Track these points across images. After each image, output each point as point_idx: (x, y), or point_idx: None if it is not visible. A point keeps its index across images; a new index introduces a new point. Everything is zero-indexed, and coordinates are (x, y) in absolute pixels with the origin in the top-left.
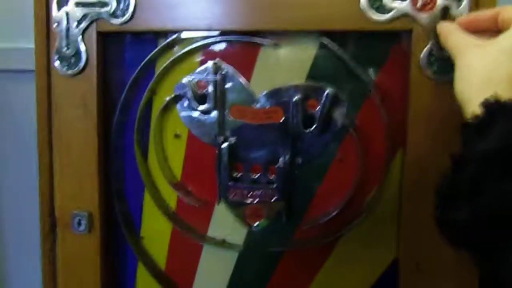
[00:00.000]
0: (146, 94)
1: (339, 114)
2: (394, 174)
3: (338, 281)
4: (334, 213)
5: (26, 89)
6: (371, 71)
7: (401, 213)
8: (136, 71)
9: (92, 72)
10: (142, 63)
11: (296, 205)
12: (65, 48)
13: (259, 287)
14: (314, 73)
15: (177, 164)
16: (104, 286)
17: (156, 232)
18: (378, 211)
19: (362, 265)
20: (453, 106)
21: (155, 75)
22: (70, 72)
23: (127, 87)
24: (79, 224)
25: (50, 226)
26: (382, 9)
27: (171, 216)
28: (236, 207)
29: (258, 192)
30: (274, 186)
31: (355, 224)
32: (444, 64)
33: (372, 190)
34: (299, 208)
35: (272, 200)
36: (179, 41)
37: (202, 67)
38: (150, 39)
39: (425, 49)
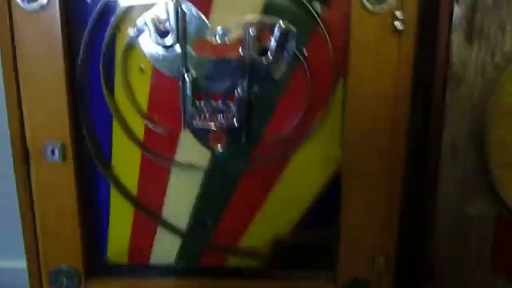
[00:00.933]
0: (109, 31)
1: (290, 46)
2: (337, 99)
3: (290, 192)
4: (286, 134)
5: None
6: (317, 5)
7: (343, 131)
8: (98, 7)
9: (55, 8)
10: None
11: (253, 129)
12: None
13: (223, 204)
14: (268, 8)
15: (143, 97)
16: (81, 211)
17: (126, 161)
18: (323, 132)
19: (310, 177)
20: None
21: (118, 12)
22: (32, 6)
23: (90, 23)
24: (53, 153)
25: (23, 157)
26: None
27: (140, 145)
28: (200, 133)
29: (219, 117)
30: (234, 111)
31: (304, 143)
32: None
33: (318, 113)
34: (256, 131)
35: (232, 124)
36: None
37: (163, 3)
38: None
39: None
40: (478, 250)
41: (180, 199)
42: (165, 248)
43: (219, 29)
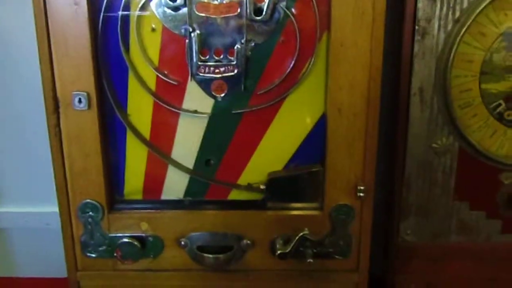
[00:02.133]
0: None
1: (280, 6)
2: (321, 51)
3: (283, 133)
4: (279, 82)
5: None
6: None
7: (327, 76)
8: None
9: None
10: None
11: (250, 78)
12: None
13: (225, 144)
14: None
15: (154, 53)
16: (103, 153)
17: (140, 109)
18: (310, 78)
19: (300, 119)
20: None
21: None
22: None
23: None
24: (80, 102)
25: (54, 106)
26: None
27: (152, 95)
28: (204, 83)
29: (222, 69)
30: (234, 63)
31: (294, 89)
32: None
33: (305, 63)
34: (253, 80)
35: (233, 74)
36: None
37: None
38: None
39: None
40: (443, 180)
41: (187, 141)
42: (175, 185)
43: None
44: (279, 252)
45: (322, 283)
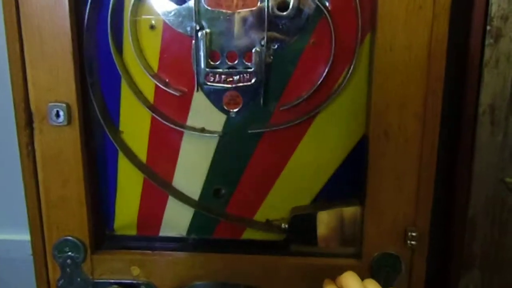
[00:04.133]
0: None
1: None
2: (363, 56)
3: (312, 159)
4: (308, 95)
5: None
6: None
7: (371, 89)
8: None
9: None
10: None
11: (272, 89)
12: None
13: (239, 170)
14: None
15: (153, 55)
16: (87, 178)
17: (135, 125)
18: (348, 90)
19: (334, 142)
20: None
21: None
22: None
23: None
24: (57, 116)
25: (27, 119)
26: None
27: (150, 108)
28: (214, 94)
29: (235, 77)
30: (251, 70)
31: (327, 104)
32: None
33: (342, 72)
34: (275, 91)
35: (250, 84)
36: None
37: None
38: None
39: None
40: None
41: (192, 166)
42: (176, 219)
43: None
44: None
45: None
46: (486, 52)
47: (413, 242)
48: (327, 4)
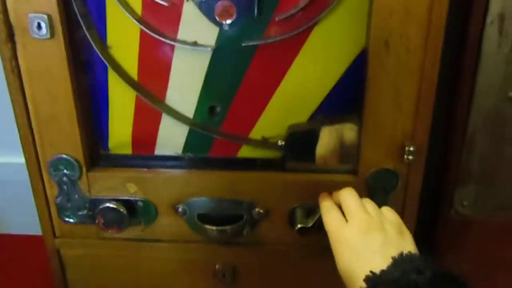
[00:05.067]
0: None
1: None
2: None
3: (309, 74)
4: (304, 4)
5: None
6: None
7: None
8: None
9: None
10: None
11: None
12: None
13: (234, 86)
14: None
15: None
16: (76, 95)
17: (124, 40)
18: (347, 2)
19: (332, 56)
20: None
21: None
22: None
23: None
24: (39, 27)
25: (8, 34)
26: None
27: (138, 21)
28: (206, 4)
29: None
30: None
31: (325, 14)
32: None
33: None
34: (270, 1)
35: None
36: None
37: None
38: None
39: None
40: None
41: (185, 82)
42: (171, 138)
43: None
44: (299, 226)
45: None
46: None
47: (410, 157)
48: None
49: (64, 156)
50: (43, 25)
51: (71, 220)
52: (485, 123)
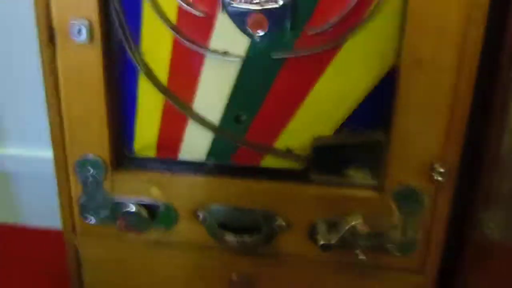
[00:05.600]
0: None
1: None
2: None
3: (336, 88)
4: (337, 20)
5: None
6: None
7: (406, 16)
8: None
9: None
10: None
11: (299, 13)
12: None
13: (261, 96)
14: None
15: None
16: (108, 97)
17: (156, 45)
18: (379, 18)
19: (361, 72)
20: None
21: None
22: None
23: None
24: (79, 33)
25: (49, 37)
26: None
27: (172, 28)
28: (238, 16)
29: None
30: None
31: (357, 31)
32: None
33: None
34: (303, 15)
35: (276, 6)
36: None
37: None
38: None
39: None
40: None
41: (213, 90)
42: (196, 143)
43: None
44: (321, 242)
45: (374, 281)
46: None
47: (439, 178)
48: None
49: (91, 155)
50: (83, 30)
51: (93, 219)
52: None
